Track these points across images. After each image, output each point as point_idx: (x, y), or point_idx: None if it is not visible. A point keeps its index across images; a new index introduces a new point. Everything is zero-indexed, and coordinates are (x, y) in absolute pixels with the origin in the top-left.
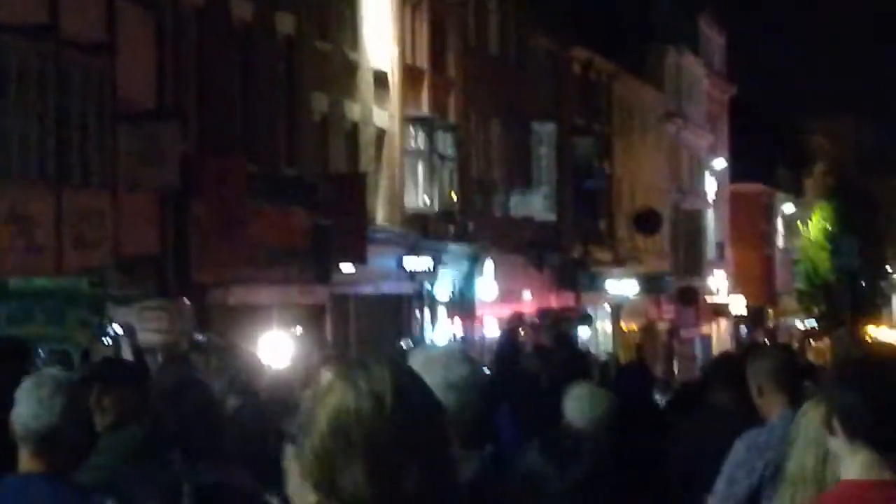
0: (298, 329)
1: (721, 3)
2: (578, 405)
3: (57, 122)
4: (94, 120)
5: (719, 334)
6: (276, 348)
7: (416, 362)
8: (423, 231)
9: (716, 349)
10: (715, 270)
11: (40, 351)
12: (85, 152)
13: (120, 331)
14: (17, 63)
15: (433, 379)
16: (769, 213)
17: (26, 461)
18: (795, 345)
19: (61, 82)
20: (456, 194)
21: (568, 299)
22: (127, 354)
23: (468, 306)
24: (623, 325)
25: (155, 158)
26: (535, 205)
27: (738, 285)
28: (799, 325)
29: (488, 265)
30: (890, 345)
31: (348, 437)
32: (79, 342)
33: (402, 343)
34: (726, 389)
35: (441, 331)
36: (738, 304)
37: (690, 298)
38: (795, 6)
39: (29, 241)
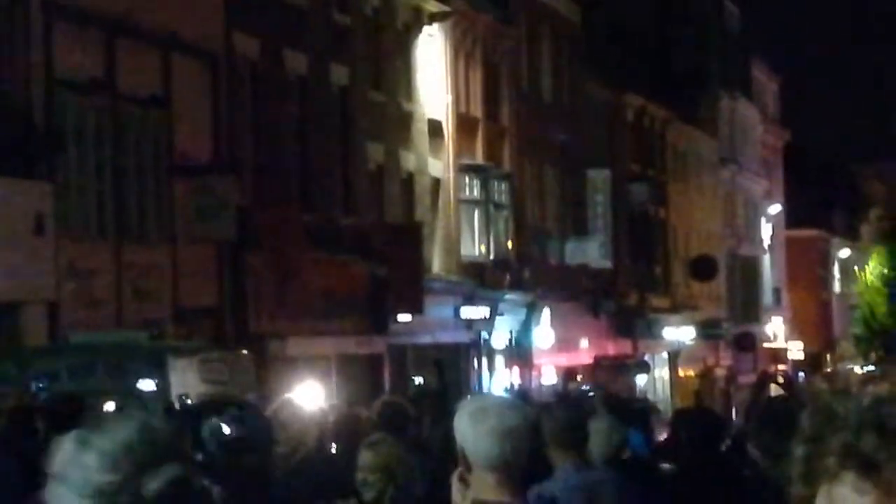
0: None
1: (774, 49)
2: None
3: (114, 176)
4: (151, 174)
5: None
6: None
7: (469, 411)
8: (480, 280)
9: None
10: (772, 316)
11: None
12: (143, 206)
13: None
14: (73, 118)
15: (487, 427)
16: (825, 258)
17: None
18: (854, 389)
19: (118, 137)
20: (512, 242)
21: (625, 346)
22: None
23: (525, 355)
24: (681, 371)
25: (212, 211)
26: (591, 252)
27: (795, 331)
28: (857, 370)
29: (545, 313)
30: None
31: None
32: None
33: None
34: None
35: (499, 379)
36: (796, 350)
37: (748, 344)
38: (849, 51)
39: (89, 295)
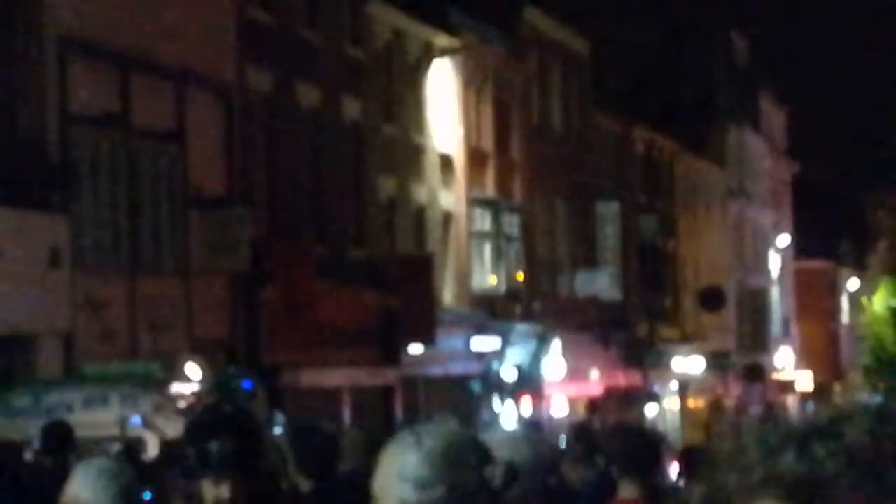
0: None
1: (781, 81)
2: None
3: (129, 209)
4: (165, 207)
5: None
6: None
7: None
8: (491, 312)
9: None
10: (781, 347)
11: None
12: (157, 239)
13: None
14: (88, 152)
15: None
16: (834, 289)
17: None
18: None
19: (132, 170)
20: (522, 274)
21: (635, 377)
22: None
23: (536, 386)
24: (690, 402)
25: (225, 244)
26: (601, 283)
27: (803, 361)
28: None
29: (555, 344)
30: None
31: None
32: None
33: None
34: None
35: (509, 411)
36: (805, 381)
37: (757, 375)
38: (857, 83)
39: (103, 326)
